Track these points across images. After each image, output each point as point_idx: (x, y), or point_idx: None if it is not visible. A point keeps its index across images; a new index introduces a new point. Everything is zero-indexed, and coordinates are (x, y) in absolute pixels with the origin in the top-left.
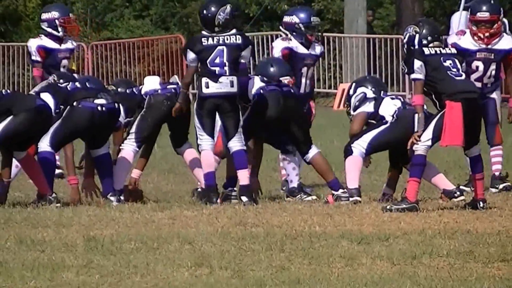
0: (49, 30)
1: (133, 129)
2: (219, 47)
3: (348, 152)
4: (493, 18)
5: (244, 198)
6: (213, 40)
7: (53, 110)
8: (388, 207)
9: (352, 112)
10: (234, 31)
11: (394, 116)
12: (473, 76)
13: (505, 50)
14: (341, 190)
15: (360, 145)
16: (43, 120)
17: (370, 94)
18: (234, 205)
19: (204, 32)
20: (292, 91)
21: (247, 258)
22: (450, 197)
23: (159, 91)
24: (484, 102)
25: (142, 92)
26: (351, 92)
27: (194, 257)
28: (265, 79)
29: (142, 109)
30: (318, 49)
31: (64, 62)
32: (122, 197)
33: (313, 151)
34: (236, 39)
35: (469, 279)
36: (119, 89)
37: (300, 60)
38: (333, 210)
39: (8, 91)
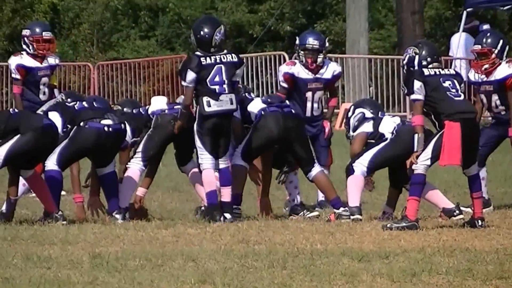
0: (24, 46)
1: (140, 148)
2: (217, 66)
3: (349, 171)
4: (483, 50)
5: (227, 215)
6: (211, 59)
7: (60, 129)
8: (388, 225)
9: (351, 133)
10: (225, 51)
11: (394, 132)
12: (485, 108)
13: (499, 79)
14: (342, 208)
15: (361, 164)
16: (50, 139)
17: (368, 114)
18: (237, 223)
19: (198, 52)
20: (293, 111)
21: (250, 275)
22: (449, 216)
23: (166, 111)
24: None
25: (149, 112)
26: (350, 114)
27: (197, 274)
28: (268, 100)
29: (149, 129)
30: (329, 72)
31: (44, 80)
32: (127, 215)
33: (316, 169)
34: (232, 57)
35: None
36: (125, 109)
37: (303, 85)
38: (335, 228)
39: (16, 110)
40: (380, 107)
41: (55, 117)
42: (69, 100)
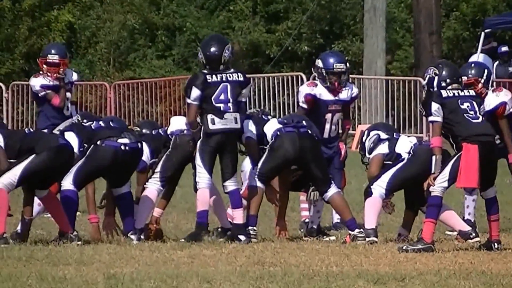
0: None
1: (158, 168)
2: (223, 84)
3: (368, 194)
4: (470, 81)
5: (241, 237)
6: (216, 77)
7: (77, 149)
8: (404, 247)
9: (367, 155)
10: (232, 69)
11: (411, 151)
12: None
13: (490, 110)
14: (357, 230)
15: (379, 186)
16: (65, 159)
17: (383, 135)
18: (252, 244)
19: (205, 70)
20: (309, 131)
21: None
22: (465, 238)
23: (185, 131)
24: None
25: (168, 132)
26: (364, 137)
27: None
28: (285, 121)
29: (168, 149)
30: (347, 93)
31: (67, 95)
32: (142, 236)
33: (332, 190)
34: (238, 77)
35: None
36: (143, 131)
37: (324, 107)
38: (350, 250)
39: (31, 130)
40: (394, 130)
41: (71, 137)
42: (85, 120)
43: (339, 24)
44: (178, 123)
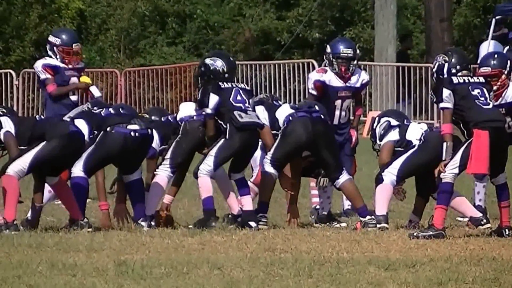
0: (50, 53)
1: (168, 155)
2: (235, 88)
3: (379, 180)
4: (494, 72)
5: (252, 224)
6: (228, 84)
7: (87, 136)
8: (415, 234)
9: (378, 142)
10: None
11: (421, 138)
12: None
13: (510, 102)
14: (368, 217)
15: (390, 173)
16: (76, 146)
17: (394, 122)
18: (263, 231)
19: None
20: (322, 116)
21: (276, 284)
22: (476, 225)
23: (195, 117)
24: None
25: (178, 118)
26: (375, 124)
27: (223, 282)
28: (296, 106)
29: (177, 135)
30: (357, 80)
31: (73, 79)
32: (153, 223)
33: (344, 177)
34: (244, 85)
35: None
36: (153, 117)
37: (333, 93)
38: (361, 236)
39: (42, 117)
40: (405, 116)
41: (81, 124)
42: (95, 108)
43: (350, 11)
44: (187, 109)
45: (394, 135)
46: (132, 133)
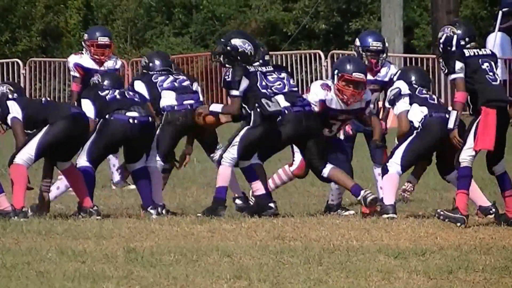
0: (83, 50)
1: (154, 145)
2: (259, 72)
3: (384, 171)
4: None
5: (272, 205)
6: (252, 67)
7: (94, 116)
8: (441, 212)
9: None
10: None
11: (420, 125)
12: None
13: None
14: (362, 192)
15: (394, 163)
16: (80, 128)
17: (405, 90)
18: (272, 219)
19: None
20: (313, 110)
21: (285, 271)
22: (486, 214)
23: (175, 107)
24: None
25: (160, 107)
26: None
27: (232, 269)
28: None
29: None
30: (386, 73)
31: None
32: (164, 211)
33: (328, 166)
34: (267, 66)
35: None
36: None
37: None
38: (370, 225)
39: (48, 99)
40: (426, 81)
41: (87, 104)
42: (105, 82)
43: (357, 2)
44: (169, 99)
45: (405, 104)
46: (131, 120)
